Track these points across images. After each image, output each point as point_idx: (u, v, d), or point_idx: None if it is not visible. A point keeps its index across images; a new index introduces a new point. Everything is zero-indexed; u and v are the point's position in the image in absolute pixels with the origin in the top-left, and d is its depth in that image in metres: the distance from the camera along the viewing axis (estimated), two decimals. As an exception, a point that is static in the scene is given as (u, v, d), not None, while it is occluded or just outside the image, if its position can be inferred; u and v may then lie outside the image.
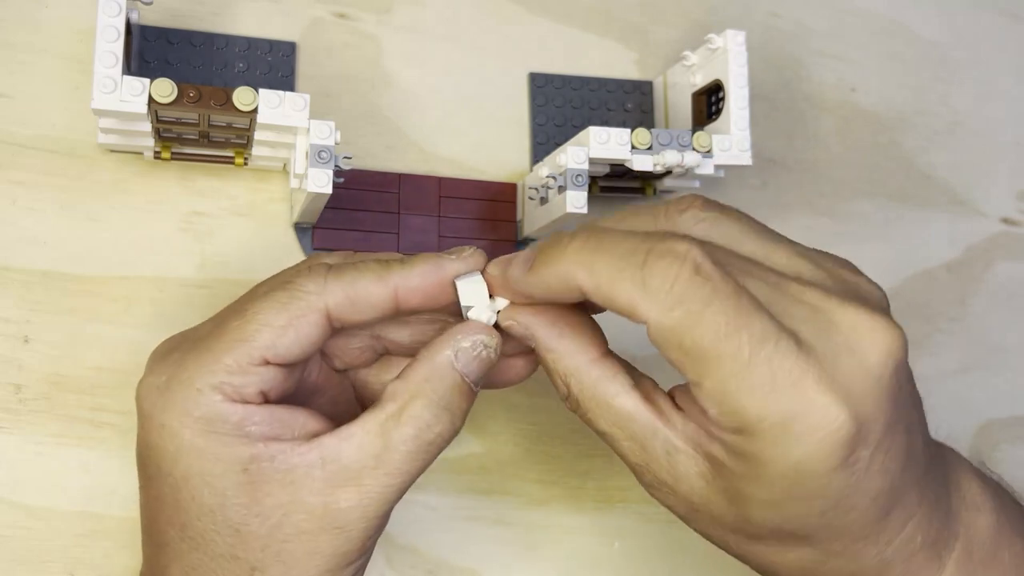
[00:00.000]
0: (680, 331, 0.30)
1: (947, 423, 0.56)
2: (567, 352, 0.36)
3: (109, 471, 0.43)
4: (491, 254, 0.41)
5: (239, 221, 0.47)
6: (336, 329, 0.37)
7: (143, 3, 0.42)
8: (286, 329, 0.35)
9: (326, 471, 0.35)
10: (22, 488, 0.42)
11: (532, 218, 0.48)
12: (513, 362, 0.39)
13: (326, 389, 0.40)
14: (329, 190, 0.40)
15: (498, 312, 0.37)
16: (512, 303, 0.37)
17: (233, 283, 0.46)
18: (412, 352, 0.38)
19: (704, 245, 0.31)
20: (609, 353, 0.37)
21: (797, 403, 0.30)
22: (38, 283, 0.44)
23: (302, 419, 0.36)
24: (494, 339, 0.37)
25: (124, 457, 0.43)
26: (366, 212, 0.48)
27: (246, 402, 0.35)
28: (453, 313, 0.38)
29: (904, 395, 0.33)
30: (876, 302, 0.34)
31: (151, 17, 0.47)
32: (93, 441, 0.43)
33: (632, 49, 0.55)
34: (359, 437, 0.35)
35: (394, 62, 0.51)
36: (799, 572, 0.35)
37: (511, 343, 0.38)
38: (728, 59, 0.47)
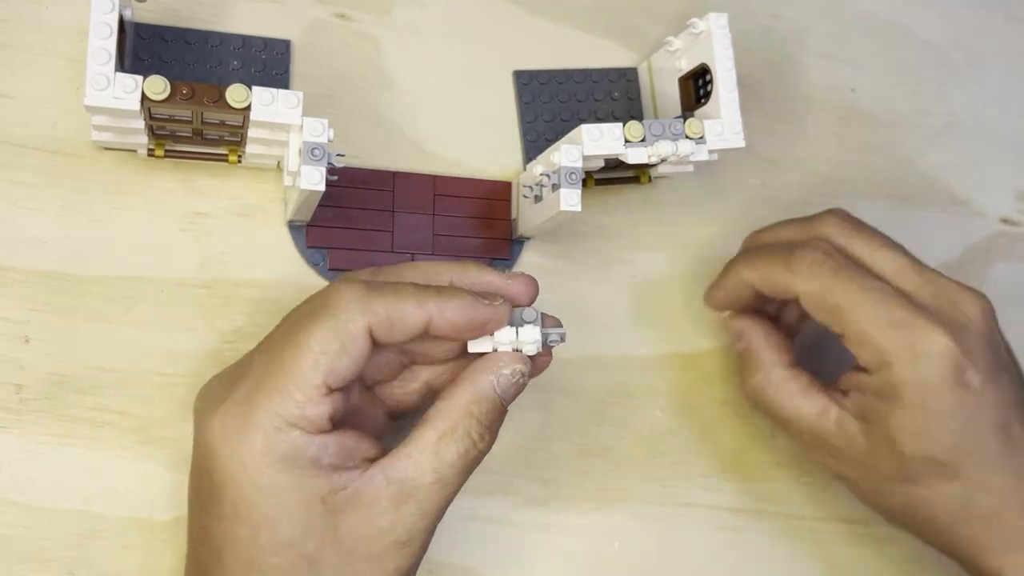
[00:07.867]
0: (821, 296, 0.44)
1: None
2: (767, 356, 0.48)
3: (109, 471, 0.43)
4: (485, 252, 0.41)
5: (239, 221, 0.47)
6: (375, 347, 0.38)
7: (137, 1, 0.42)
8: (341, 354, 0.37)
9: (390, 490, 0.37)
10: (23, 488, 0.42)
11: (526, 216, 0.48)
12: None
13: (362, 406, 0.42)
14: (322, 187, 0.40)
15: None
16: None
17: (233, 283, 0.46)
18: (436, 361, 0.43)
19: (832, 244, 0.45)
20: (795, 363, 0.48)
21: (915, 335, 0.42)
22: (38, 283, 0.44)
23: (361, 445, 0.38)
24: (528, 367, 0.40)
25: (124, 457, 0.43)
26: (360, 210, 0.48)
27: (320, 432, 0.37)
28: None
29: (1002, 355, 0.44)
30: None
31: (147, 15, 0.47)
32: (93, 441, 0.43)
33: (632, 49, 0.55)
34: (415, 456, 0.38)
35: (394, 63, 0.51)
36: (954, 511, 0.44)
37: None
38: (712, 42, 0.47)
